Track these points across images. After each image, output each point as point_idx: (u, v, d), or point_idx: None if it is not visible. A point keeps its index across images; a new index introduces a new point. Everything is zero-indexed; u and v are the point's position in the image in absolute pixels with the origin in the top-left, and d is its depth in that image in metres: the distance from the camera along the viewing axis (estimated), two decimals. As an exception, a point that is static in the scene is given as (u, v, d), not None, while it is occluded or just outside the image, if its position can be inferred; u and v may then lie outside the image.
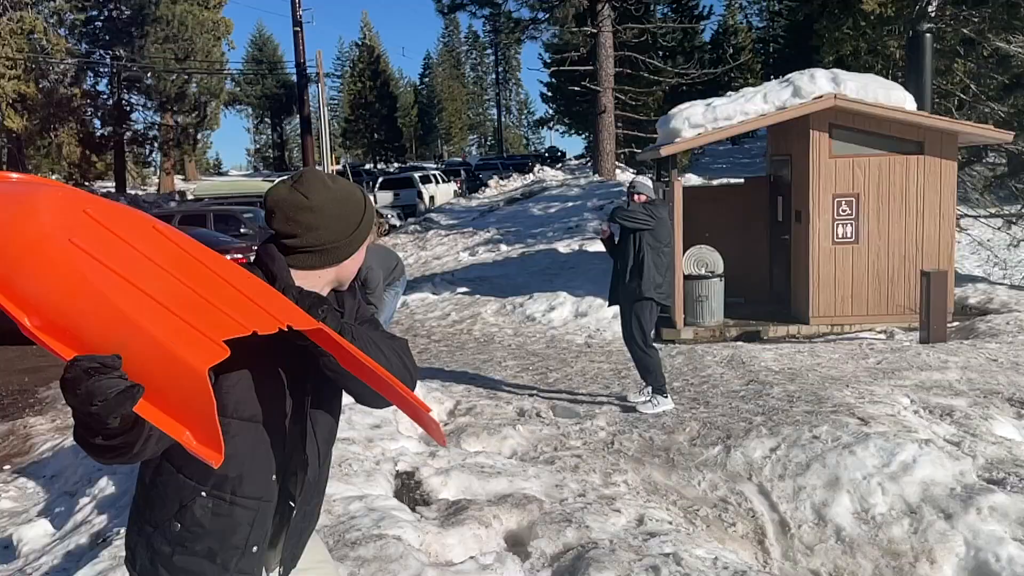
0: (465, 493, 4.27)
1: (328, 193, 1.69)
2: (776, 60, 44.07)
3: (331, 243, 1.70)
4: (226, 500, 1.59)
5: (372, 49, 67.30)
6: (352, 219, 1.73)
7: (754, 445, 4.95)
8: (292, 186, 1.69)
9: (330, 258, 1.71)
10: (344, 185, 1.76)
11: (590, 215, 18.08)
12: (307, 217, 1.66)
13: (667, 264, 6.01)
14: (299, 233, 1.67)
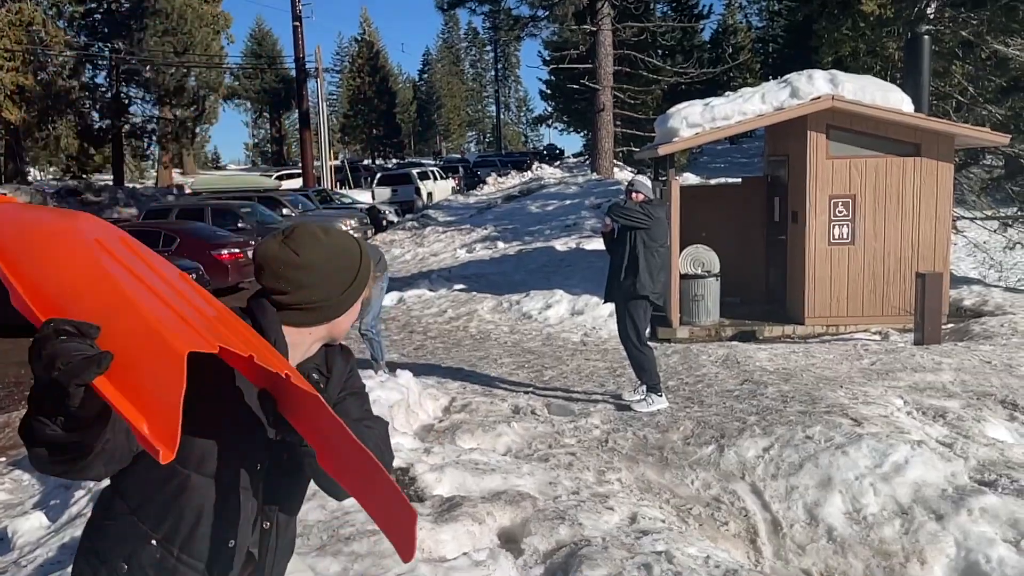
0: (459, 490, 4.29)
1: (320, 250, 1.61)
2: (775, 60, 44.09)
3: (323, 301, 1.62)
4: (172, 556, 1.50)
5: (371, 44, 67.25)
6: (346, 276, 1.65)
7: (747, 444, 4.97)
8: (283, 241, 1.62)
9: (322, 316, 1.63)
10: (338, 239, 1.68)
11: (588, 213, 18.10)
12: (297, 275, 1.59)
13: (661, 264, 6.03)
14: (289, 291, 1.60)
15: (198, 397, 1.17)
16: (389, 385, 5.74)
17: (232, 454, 1.51)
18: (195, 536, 1.50)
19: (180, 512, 1.49)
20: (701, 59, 30.02)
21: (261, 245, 1.65)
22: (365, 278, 1.70)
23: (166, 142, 41.58)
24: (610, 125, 23.89)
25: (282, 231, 1.66)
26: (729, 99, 9.44)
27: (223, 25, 41.60)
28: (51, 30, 34.01)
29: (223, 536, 1.52)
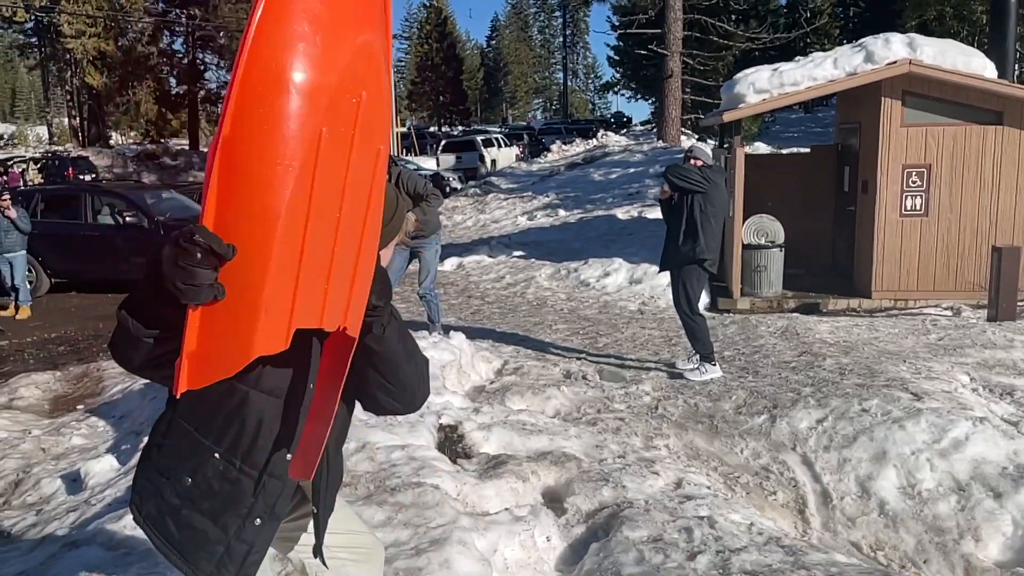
0: (506, 448, 4.35)
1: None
2: (856, 25, 42.28)
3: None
4: (235, 467, 1.59)
5: (440, 11, 67.16)
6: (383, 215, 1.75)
7: (800, 416, 4.89)
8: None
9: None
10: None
11: (651, 181, 17.84)
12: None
13: (719, 231, 5.89)
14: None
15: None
16: (442, 346, 5.82)
17: (286, 372, 1.59)
18: (256, 447, 1.59)
19: (242, 425, 1.58)
20: (776, 24, 29.01)
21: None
22: (398, 225, 1.80)
23: (239, 108, 42.41)
24: (678, 92, 23.39)
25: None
26: (799, 64, 9.13)
27: (295, -9, 42.00)
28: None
29: (281, 448, 1.61)
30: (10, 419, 6.01)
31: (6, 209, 9.38)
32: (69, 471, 4.91)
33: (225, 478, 1.60)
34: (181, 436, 1.62)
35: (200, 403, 1.56)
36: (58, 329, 9.26)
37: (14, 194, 10.56)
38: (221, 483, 1.60)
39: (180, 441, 1.62)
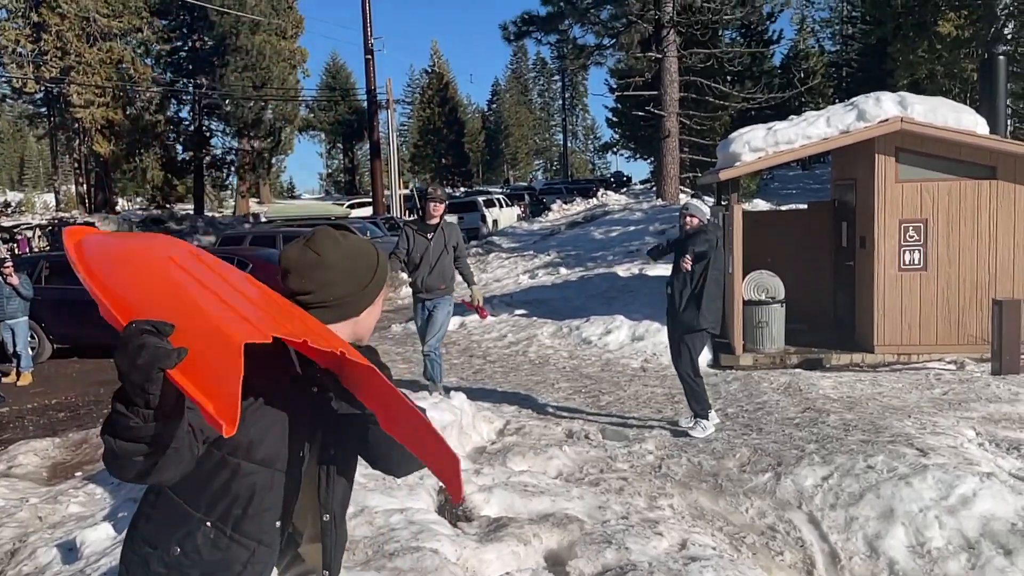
0: (507, 511, 4.29)
1: (339, 250, 1.76)
2: (849, 85, 43.15)
3: (345, 297, 1.75)
4: (226, 535, 1.61)
5: (441, 76, 68.67)
6: (365, 274, 1.79)
7: (805, 473, 4.83)
8: (304, 245, 1.76)
9: (344, 313, 1.77)
10: (355, 242, 1.83)
11: (651, 239, 17.96)
12: (320, 274, 1.73)
13: (720, 293, 5.95)
14: (313, 289, 1.73)
15: (245, 391, 1.27)
16: (443, 407, 5.79)
17: (281, 439, 1.64)
18: (247, 516, 1.62)
19: (234, 496, 1.61)
20: (771, 84, 29.55)
21: (285, 251, 1.78)
22: (383, 276, 1.84)
23: (244, 172, 43.18)
24: (676, 151, 23.74)
25: (303, 237, 1.80)
26: (793, 123, 9.30)
27: (299, 60, 43.18)
28: (139, 68, 35.90)
29: (274, 515, 1.66)
30: (8, 487, 5.95)
31: (9, 276, 9.45)
32: (65, 540, 4.84)
33: (216, 546, 1.61)
34: (169, 507, 1.63)
35: (192, 478, 1.57)
36: (59, 395, 9.24)
37: (18, 261, 10.65)
38: (211, 551, 1.61)
39: (168, 511, 1.63)
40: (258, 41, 37.73)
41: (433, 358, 6.93)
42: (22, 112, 48.69)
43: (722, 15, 23.11)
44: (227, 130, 42.23)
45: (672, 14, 22.57)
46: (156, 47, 38.09)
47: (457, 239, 6.90)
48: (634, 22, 23.96)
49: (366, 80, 29.60)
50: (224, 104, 39.77)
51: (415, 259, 6.66)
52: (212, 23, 37.27)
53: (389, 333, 11.79)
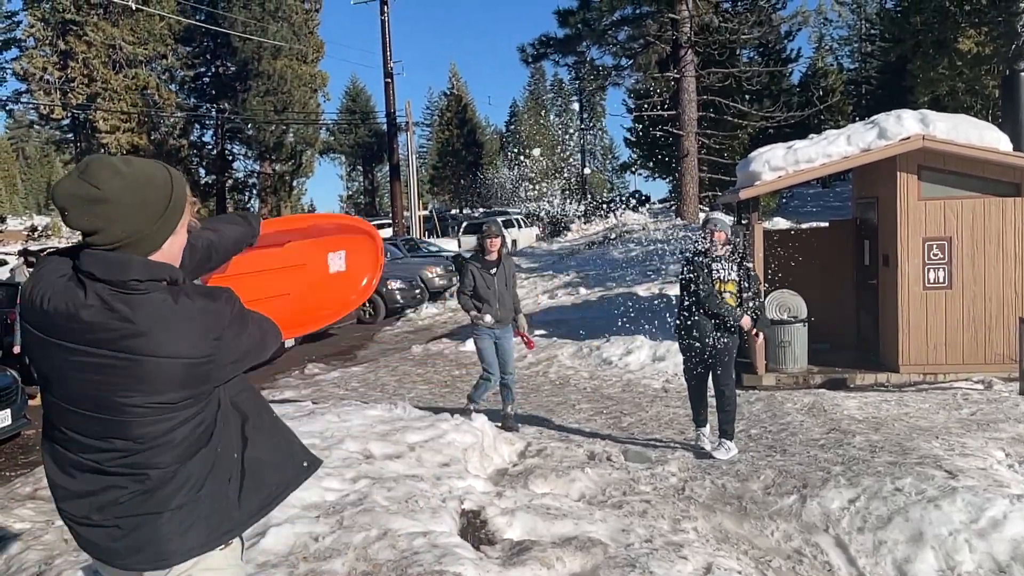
0: (530, 534, 4.26)
1: (121, 180, 1.55)
2: (868, 102, 42.95)
3: (137, 233, 1.58)
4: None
5: (460, 98, 69.22)
6: (157, 203, 1.60)
7: (832, 496, 4.77)
8: (79, 177, 1.54)
9: (144, 249, 1.60)
10: (140, 166, 1.62)
11: (671, 259, 17.91)
12: (104, 210, 1.54)
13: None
14: (100, 228, 1.55)
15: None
16: (464, 428, 5.79)
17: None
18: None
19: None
20: (789, 103, 29.48)
21: (56, 187, 1.58)
22: (181, 201, 1.68)
23: (266, 195, 43.65)
24: (695, 170, 23.73)
25: (77, 167, 1.59)
26: (813, 141, 9.27)
27: (320, 84, 43.73)
28: (164, 93, 36.51)
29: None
30: (34, 509, 6.00)
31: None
32: (90, 562, 4.87)
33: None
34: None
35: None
36: (84, 417, 9.32)
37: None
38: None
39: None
40: (280, 66, 38.27)
41: (510, 385, 7.02)
42: (49, 138, 49.59)
43: (740, 35, 23.17)
44: (249, 154, 42.78)
45: (689, 34, 22.66)
46: (180, 73, 38.76)
47: (513, 270, 7.18)
48: (651, 43, 24.08)
49: (386, 103, 29.92)
50: (246, 128, 40.31)
51: (483, 296, 6.78)
52: (235, 49, 37.87)
53: (410, 354, 11.82)
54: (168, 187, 1.65)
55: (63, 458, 1.72)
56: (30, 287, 1.63)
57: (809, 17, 24.96)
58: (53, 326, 1.60)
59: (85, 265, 1.58)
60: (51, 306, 1.58)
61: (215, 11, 36.82)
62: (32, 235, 48.97)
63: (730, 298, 5.74)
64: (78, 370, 1.62)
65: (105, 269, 1.57)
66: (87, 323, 1.57)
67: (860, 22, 52.97)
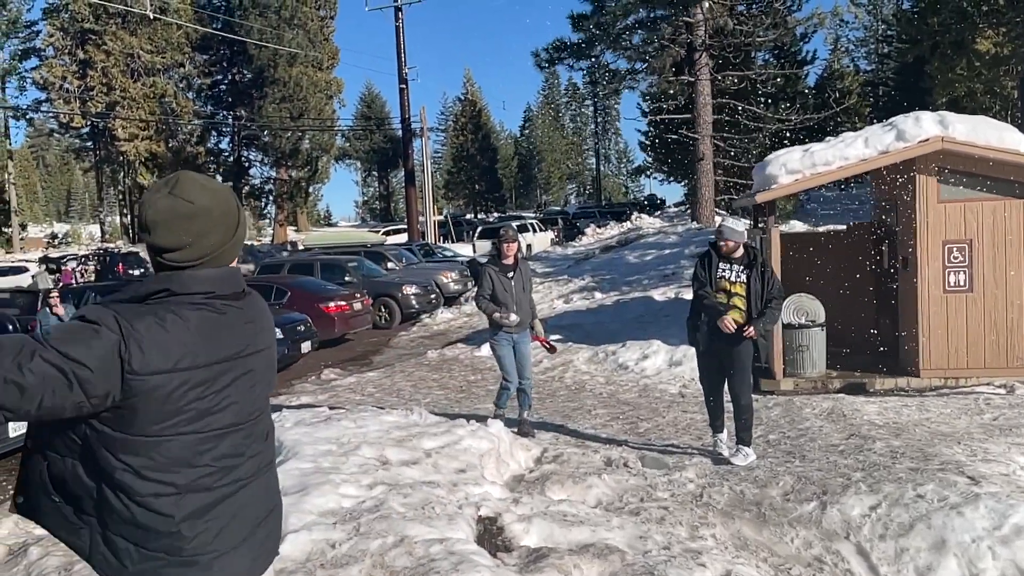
0: (547, 541, 4.24)
1: (209, 195, 1.60)
2: (885, 104, 42.66)
3: (220, 247, 1.63)
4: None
5: (474, 103, 69.43)
6: (234, 217, 1.65)
7: (852, 502, 4.71)
8: (170, 193, 1.58)
9: (222, 263, 1.65)
10: (215, 183, 1.69)
11: (687, 262, 17.84)
12: (195, 224, 1.57)
13: None
14: (189, 242, 1.58)
15: None
16: (480, 434, 5.78)
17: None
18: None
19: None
20: (805, 105, 29.34)
21: (148, 204, 1.59)
22: (245, 224, 1.73)
23: (282, 201, 43.97)
24: (710, 174, 23.64)
25: (162, 184, 1.62)
26: (830, 144, 9.19)
27: (335, 91, 44.02)
28: (181, 101, 36.86)
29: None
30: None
31: (55, 306, 9.69)
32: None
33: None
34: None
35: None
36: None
37: (64, 291, 10.92)
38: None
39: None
40: (295, 73, 38.56)
41: (527, 390, 7.01)
42: (69, 146, 50.25)
43: (755, 37, 23.09)
44: (265, 160, 43.13)
45: (704, 37, 22.60)
46: (197, 81, 39.16)
47: (530, 275, 7.19)
48: (666, 46, 24.03)
49: (400, 109, 30.04)
50: (262, 135, 40.62)
51: (502, 299, 6.76)
52: (251, 56, 38.20)
53: (425, 359, 11.83)
54: (237, 203, 1.70)
55: (209, 505, 1.64)
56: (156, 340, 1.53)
57: (825, 19, 24.80)
58: (218, 349, 1.62)
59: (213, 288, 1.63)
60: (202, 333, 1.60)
61: (231, 19, 37.16)
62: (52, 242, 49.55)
63: (738, 300, 5.68)
64: (248, 383, 1.70)
65: (233, 284, 1.68)
66: (247, 333, 1.69)
67: (876, 23, 52.68)
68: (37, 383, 1.44)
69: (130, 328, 1.50)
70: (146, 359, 1.50)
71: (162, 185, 1.61)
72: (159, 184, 1.62)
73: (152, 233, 1.58)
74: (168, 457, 1.56)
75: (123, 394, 1.50)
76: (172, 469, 1.57)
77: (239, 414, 1.67)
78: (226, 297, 1.65)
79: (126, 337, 1.49)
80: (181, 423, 1.56)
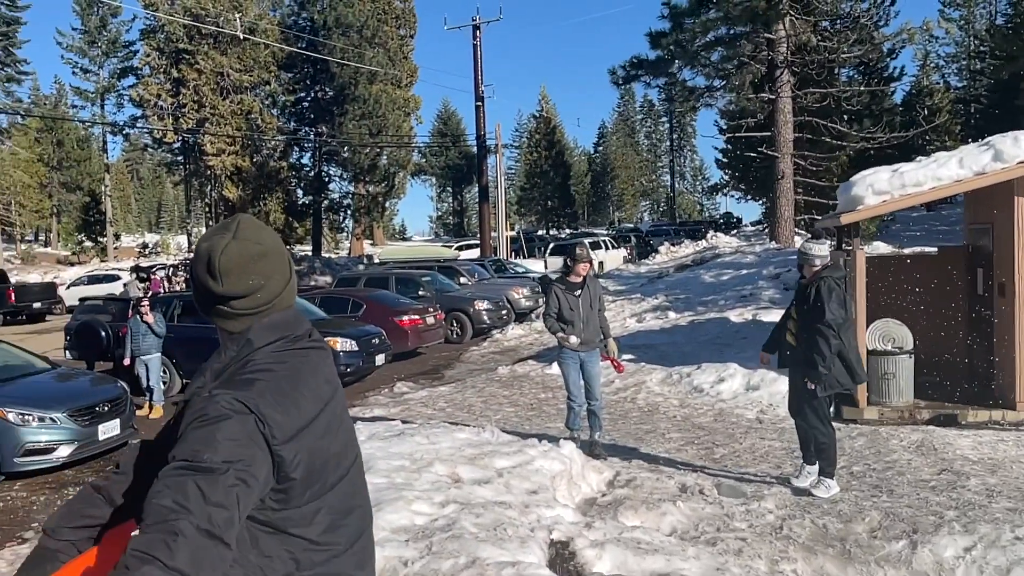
0: (620, 568, 4.15)
1: (271, 235, 1.56)
2: (977, 121, 40.93)
3: (281, 290, 1.56)
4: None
5: (548, 120, 69.64)
6: (287, 260, 1.60)
7: (945, 543, 4.46)
8: (235, 237, 1.50)
9: (283, 306, 1.58)
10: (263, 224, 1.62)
11: (765, 283, 17.40)
12: (264, 265, 1.51)
13: (852, 341, 5.56)
14: (261, 285, 1.51)
15: None
16: (552, 455, 5.71)
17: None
18: None
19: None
20: (892, 123, 28.33)
21: (215, 251, 1.50)
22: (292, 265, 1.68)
23: (359, 216, 44.92)
24: (790, 193, 23.04)
25: (224, 228, 1.54)
26: (921, 164, 8.83)
27: (413, 108, 44.85)
28: (266, 118, 38.18)
29: None
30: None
31: (145, 314, 10.09)
32: None
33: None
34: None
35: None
36: (186, 428, 9.69)
37: (153, 300, 11.36)
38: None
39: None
40: (375, 91, 39.45)
41: (596, 411, 6.93)
42: (161, 160, 52.61)
43: (839, 54, 22.47)
44: (344, 175, 44.19)
45: (786, 54, 22.12)
46: (282, 98, 40.47)
47: (600, 292, 7.07)
48: (746, 63, 23.61)
49: (476, 126, 30.38)
50: (342, 151, 41.66)
51: (568, 318, 6.72)
52: (333, 75, 39.27)
53: (496, 375, 11.83)
54: (284, 245, 1.65)
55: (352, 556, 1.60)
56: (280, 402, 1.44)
57: (915, 34, 23.88)
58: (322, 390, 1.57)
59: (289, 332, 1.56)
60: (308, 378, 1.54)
61: (316, 39, 38.32)
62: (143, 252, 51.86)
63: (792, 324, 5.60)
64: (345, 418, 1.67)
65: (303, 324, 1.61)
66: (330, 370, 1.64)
67: (969, 39, 50.69)
68: (232, 513, 1.31)
69: (257, 400, 1.40)
70: (282, 426, 1.41)
71: (221, 230, 1.52)
72: (216, 231, 1.53)
73: (223, 281, 1.50)
74: (332, 513, 1.53)
75: (276, 468, 1.41)
76: (340, 523, 1.54)
77: (348, 452, 1.62)
78: (301, 337, 1.58)
79: (256, 411, 1.38)
80: (328, 475, 1.51)
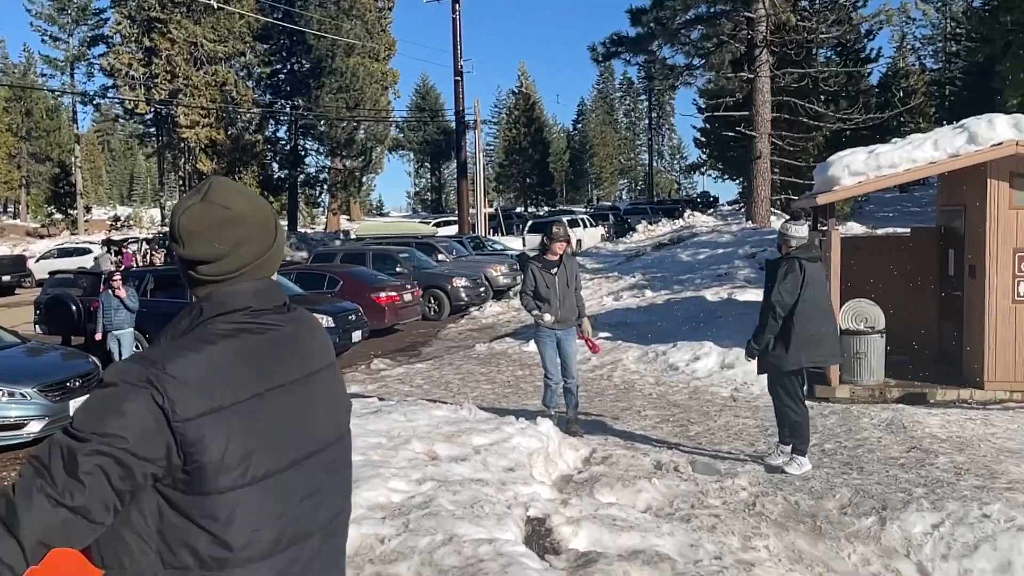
0: (595, 545, 4.19)
1: (247, 201, 1.48)
2: (952, 104, 41.33)
3: (259, 257, 1.49)
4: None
5: (528, 96, 69.29)
6: (274, 226, 1.52)
7: (914, 519, 4.55)
8: (203, 200, 1.45)
9: (262, 275, 1.51)
10: (251, 191, 1.55)
11: (741, 262, 17.53)
12: (234, 232, 1.44)
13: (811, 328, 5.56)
14: (227, 252, 1.44)
15: None
16: (529, 432, 5.74)
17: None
18: None
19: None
20: (868, 104, 28.52)
21: (180, 212, 1.46)
22: (283, 233, 1.59)
23: (336, 190, 44.54)
24: (767, 173, 23.17)
25: (197, 190, 1.49)
26: (897, 146, 8.90)
27: (391, 82, 44.39)
28: (241, 90, 37.57)
29: None
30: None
31: (117, 288, 9.95)
32: None
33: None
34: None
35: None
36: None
37: (125, 274, 11.20)
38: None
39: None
40: (352, 63, 38.96)
41: (572, 389, 6.93)
42: (133, 131, 51.70)
43: (817, 34, 22.52)
44: (321, 149, 43.73)
45: (765, 34, 22.13)
46: (257, 70, 39.84)
47: (577, 271, 7.03)
48: (725, 42, 23.61)
49: (455, 101, 30.11)
50: (319, 124, 41.18)
51: (544, 295, 6.70)
52: (310, 47, 38.71)
53: (473, 352, 11.85)
54: (273, 211, 1.56)
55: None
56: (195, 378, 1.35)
57: (892, 15, 24.03)
58: (267, 376, 1.44)
59: (251, 303, 1.47)
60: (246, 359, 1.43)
61: (292, 9, 37.70)
62: (115, 225, 51.10)
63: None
64: (322, 398, 1.54)
65: (274, 297, 1.52)
66: (298, 354, 1.52)
67: (945, 21, 51.01)
68: (96, 487, 1.25)
69: (160, 373, 1.31)
70: (188, 402, 1.31)
71: (194, 192, 1.47)
72: (191, 193, 1.49)
73: (186, 244, 1.44)
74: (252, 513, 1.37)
75: (180, 447, 1.31)
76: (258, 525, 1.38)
77: (300, 448, 1.46)
78: (267, 312, 1.48)
79: (156, 383, 1.30)
80: (252, 467, 1.37)
